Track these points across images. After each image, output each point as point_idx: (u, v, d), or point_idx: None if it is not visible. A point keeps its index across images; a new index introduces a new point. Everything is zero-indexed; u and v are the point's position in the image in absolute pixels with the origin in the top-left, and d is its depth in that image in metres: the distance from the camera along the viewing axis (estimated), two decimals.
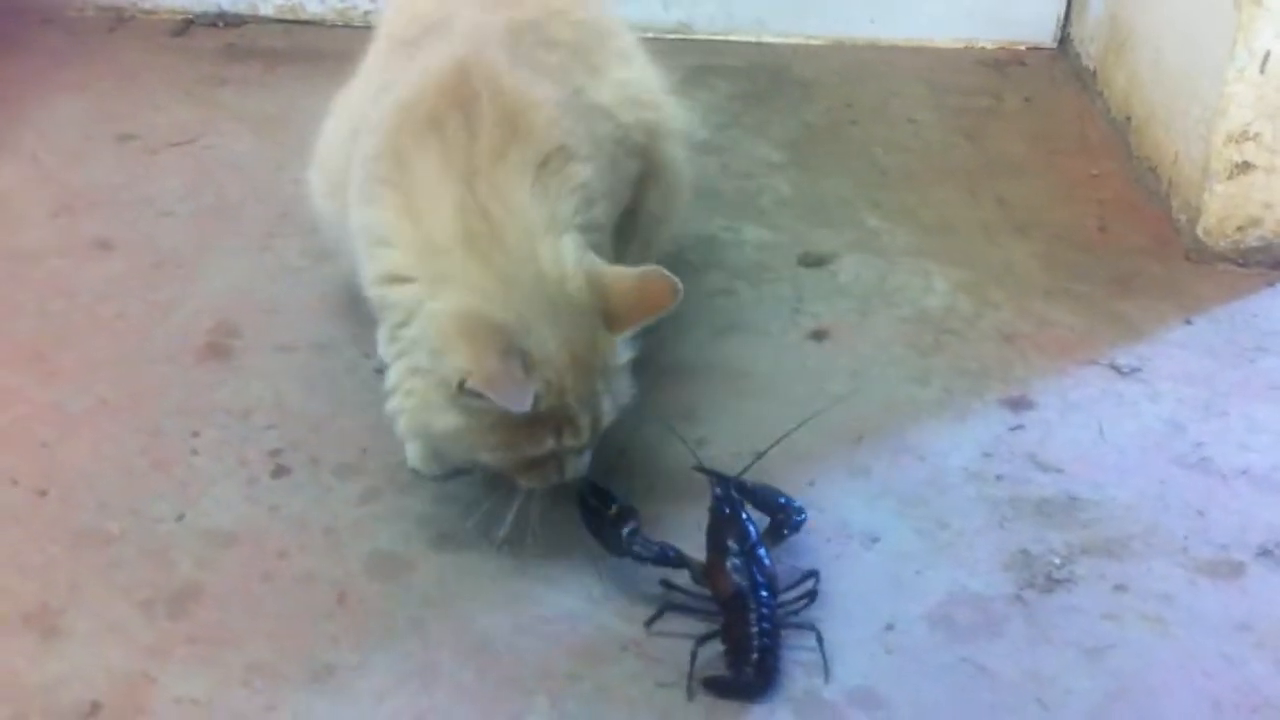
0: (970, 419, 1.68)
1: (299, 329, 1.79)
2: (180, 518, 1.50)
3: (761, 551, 1.39)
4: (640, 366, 1.45)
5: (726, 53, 2.60)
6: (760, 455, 1.50)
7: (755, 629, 1.32)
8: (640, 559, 1.39)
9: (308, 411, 1.66)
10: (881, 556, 1.48)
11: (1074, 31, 2.59)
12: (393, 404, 1.41)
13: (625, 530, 1.40)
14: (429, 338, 1.33)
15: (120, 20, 2.62)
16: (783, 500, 1.47)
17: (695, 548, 1.40)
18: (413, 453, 1.55)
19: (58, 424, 1.62)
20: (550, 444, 1.36)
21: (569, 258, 1.35)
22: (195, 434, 1.61)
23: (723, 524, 1.41)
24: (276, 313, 1.82)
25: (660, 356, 1.74)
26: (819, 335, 1.83)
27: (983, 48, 2.64)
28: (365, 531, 1.49)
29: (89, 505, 1.51)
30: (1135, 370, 1.77)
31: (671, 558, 1.39)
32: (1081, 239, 2.06)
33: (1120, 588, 1.45)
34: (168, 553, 1.45)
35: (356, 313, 1.77)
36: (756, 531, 1.41)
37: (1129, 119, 2.27)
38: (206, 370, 1.72)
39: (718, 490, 1.45)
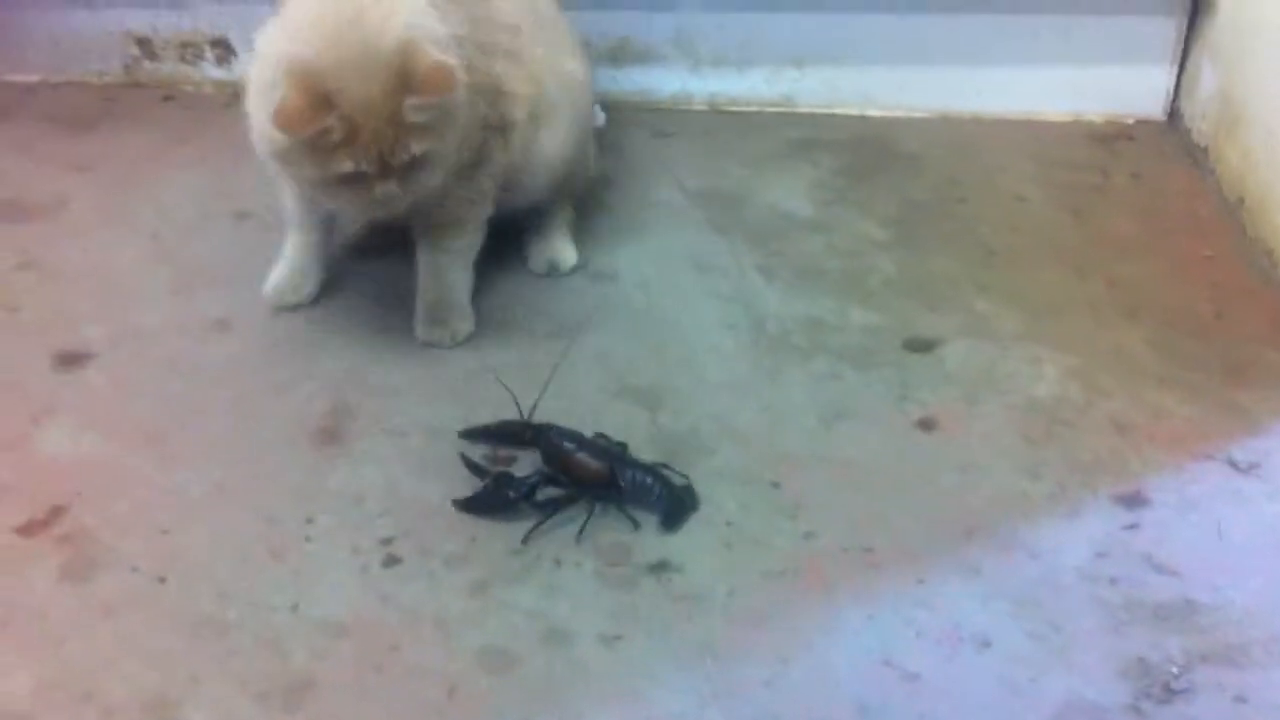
0: (1083, 515, 1.66)
1: (412, 412, 1.82)
2: (294, 607, 1.52)
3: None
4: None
5: (829, 125, 2.60)
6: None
7: (642, 472, 1.63)
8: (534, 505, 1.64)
9: (418, 498, 1.68)
10: (995, 660, 1.46)
11: (1184, 106, 2.56)
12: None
13: (509, 493, 1.64)
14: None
15: (235, 96, 2.63)
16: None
17: None
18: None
19: (177, 509, 1.66)
20: (349, 165, 1.68)
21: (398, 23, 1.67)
22: (309, 520, 1.64)
23: (551, 443, 1.68)
24: (390, 395, 1.85)
25: (768, 443, 1.75)
26: (926, 424, 1.82)
27: (1090, 121, 2.62)
28: (475, 624, 1.51)
29: (207, 593, 1.54)
30: (1254, 466, 1.73)
31: (545, 475, 1.65)
32: (1194, 324, 2.02)
33: (1240, 699, 1.42)
34: (282, 643, 1.48)
35: (469, 396, 1.80)
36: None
37: (1242, 199, 2.23)
38: (321, 455, 1.75)
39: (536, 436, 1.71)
